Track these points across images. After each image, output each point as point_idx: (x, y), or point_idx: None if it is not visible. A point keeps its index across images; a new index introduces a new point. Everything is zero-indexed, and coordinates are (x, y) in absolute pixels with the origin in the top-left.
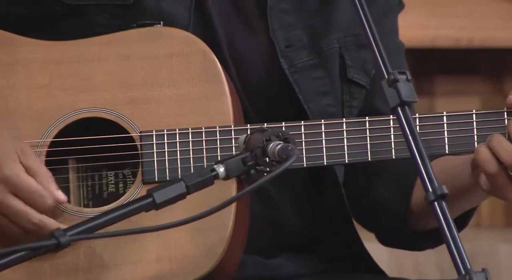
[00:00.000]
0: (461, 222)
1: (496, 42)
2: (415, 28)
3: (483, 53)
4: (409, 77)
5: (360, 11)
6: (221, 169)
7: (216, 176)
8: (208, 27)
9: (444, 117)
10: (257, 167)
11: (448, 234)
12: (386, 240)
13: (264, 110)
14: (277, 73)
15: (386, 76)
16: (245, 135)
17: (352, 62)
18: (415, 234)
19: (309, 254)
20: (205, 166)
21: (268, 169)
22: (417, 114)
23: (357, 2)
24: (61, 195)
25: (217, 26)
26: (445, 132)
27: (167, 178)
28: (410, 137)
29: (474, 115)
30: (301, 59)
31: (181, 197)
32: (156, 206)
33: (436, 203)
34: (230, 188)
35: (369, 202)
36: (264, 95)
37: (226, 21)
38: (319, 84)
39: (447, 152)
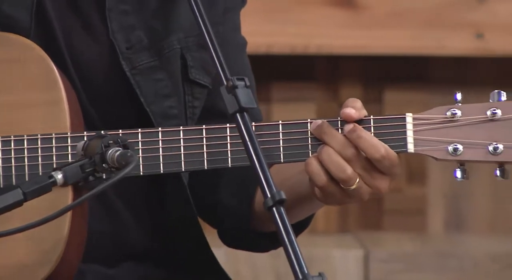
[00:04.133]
0: (302, 224)
1: (332, 49)
2: (250, 35)
3: (318, 60)
4: (248, 83)
5: (199, 17)
6: (59, 176)
7: (54, 183)
8: (48, 30)
9: (280, 126)
10: (95, 174)
11: (286, 239)
12: (228, 240)
13: (108, 114)
14: (119, 76)
15: (225, 83)
16: (83, 141)
17: (194, 62)
18: (258, 236)
19: (152, 262)
20: (40, 173)
21: (106, 175)
22: (253, 122)
23: (194, 6)
24: None
25: (57, 29)
26: (281, 141)
27: (1, 186)
28: (249, 143)
29: (308, 124)
30: (142, 61)
31: (17, 204)
32: None
33: (274, 208)
34: (66, 196)
35: (211, 203)
36: (107, 98)
37: (65, 24)
38: (160, 86)
39: (282, 161)
